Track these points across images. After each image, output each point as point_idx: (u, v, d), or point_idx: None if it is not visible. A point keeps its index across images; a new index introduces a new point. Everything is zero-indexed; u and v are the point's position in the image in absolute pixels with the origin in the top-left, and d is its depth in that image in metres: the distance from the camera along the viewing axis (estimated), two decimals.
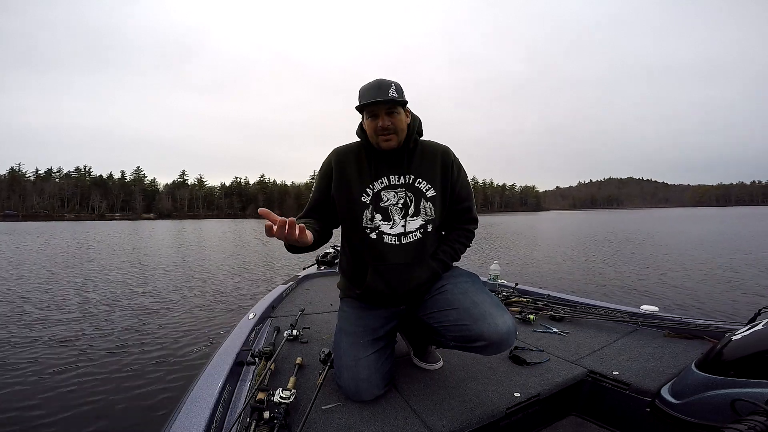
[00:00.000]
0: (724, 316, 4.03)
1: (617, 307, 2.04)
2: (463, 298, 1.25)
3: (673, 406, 1.15)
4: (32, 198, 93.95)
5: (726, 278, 6.16)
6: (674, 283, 5.95)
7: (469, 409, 1.17)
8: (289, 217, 1.01)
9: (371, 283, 1.34)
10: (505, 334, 1.15)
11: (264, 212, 0.97)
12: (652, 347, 1.60)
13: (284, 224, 0.98)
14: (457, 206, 1.42)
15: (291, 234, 1.00)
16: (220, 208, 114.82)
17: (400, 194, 1.34)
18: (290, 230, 0.99)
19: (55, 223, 51.94)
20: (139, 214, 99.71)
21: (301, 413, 1.12)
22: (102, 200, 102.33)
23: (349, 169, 1.36)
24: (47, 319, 4.35)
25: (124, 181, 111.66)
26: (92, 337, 3.72)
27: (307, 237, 1.09)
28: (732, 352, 1.11)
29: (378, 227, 1.33)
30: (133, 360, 3.11)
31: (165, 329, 3.95)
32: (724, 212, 59.12)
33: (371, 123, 1.29)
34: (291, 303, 2.52)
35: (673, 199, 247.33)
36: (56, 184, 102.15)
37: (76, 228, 33.62)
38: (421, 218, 1.34)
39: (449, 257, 1.41)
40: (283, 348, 1.61)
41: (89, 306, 5.02)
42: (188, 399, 1.08)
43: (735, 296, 5.00)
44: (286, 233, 0.99)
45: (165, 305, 5.03)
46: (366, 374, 1.24)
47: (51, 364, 3.03)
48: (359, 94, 1.30)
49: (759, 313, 1.40)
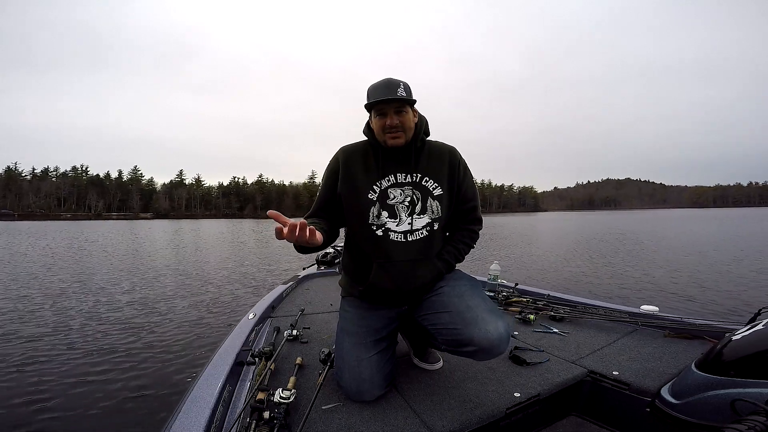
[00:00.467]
0: (724, 316, 4.04)
1: (617, 307, 2.04)
2: (458, 301, 1.24)
3: (673, 406, 1.15)
4: (28, 197, 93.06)
5: (726, 278, 6.17)
6: (674, 283, 5.96)
7: (469, 409, 1.17)
8: (295, 218, 1.01)
9: (376, 280, 1.33)
10: (495, 341, 1.14)
11: (273, 214, 0.97)
12: (652, 347, 1.60)
13: (295, 227, 0.98)
14: (463, 206, 1.42)
15: (302, 236, 1.00)
16: (218, 207, 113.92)
17: (407, 192, 1.34)
18: (301, 232, 1.00)
19: (50, 223, 51.78)
20: (136, 213, 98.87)
21: (301, 413, 1.11)
22: (99, 200, 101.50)
23: (356, 166, 1.36)
24: (45, 320, 4.34)
25: (121, 181, 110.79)
26: (92, 337, 3.72)
27: (317, 238, 1.09)
28: (732, 352, 1.11)
29: (384, 224, 1.33)
30: (132, 360, 3.10)
31: (165, 329, 3.94)
32: (722, 213, 59.44)
33: (379, 121, 1.29)
34: (291, 303, 2.52)
35: (670, 200, 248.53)
36: (53, 183, 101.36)
37: (71, 228, 33.50)
38: (427, 216, 1.34)
39: (453, 258, 1.41)
40: (283, 348, 1.60)
41: (88, 306, 5.01)
42: (188, 399, 1.08)
43: (735, 296, 5.01)
44: (297, 235, 0.99)
45: (165, 305, 5.02)
46: (368, 374, 1.24)
47: (50, 364, 3.03)
48: (368, 92, 1.31)
49: (759, 313, 1.40)
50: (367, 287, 1.37)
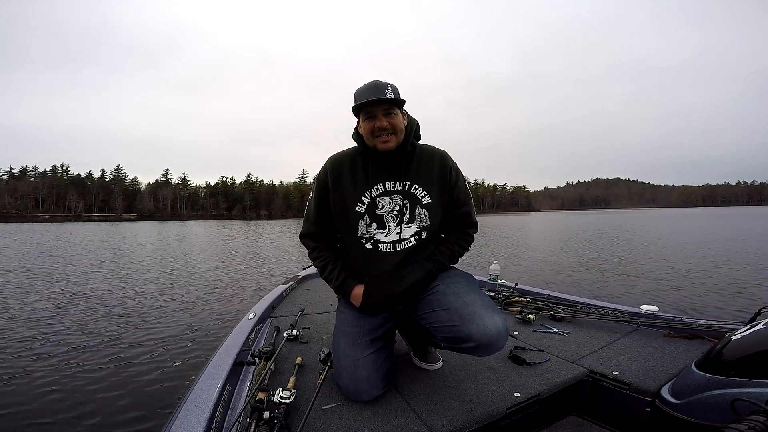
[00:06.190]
0: (724, 316, 4.03)
1: (617, 307, 2.04)
2: (454, 299, 1.24)
3: (673, 406, 1.14)
4: (4, 198, 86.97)
5: (726, 278, 6.17)
6: (674, 282, 5.95)
7: (469, 409, 1.17)
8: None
9: (366, 298, 1.35)
10: (494, 336, 1.14)
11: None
12: (652, 347, 1.60)
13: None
14: (456, 211, 1.42)
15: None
16: (205, 208, 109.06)
17: (396, 201, 1.34)
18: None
19: (23, 224, 49.72)
20: (119, 214, 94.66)
21: (301, 413, 1.11)
22: (79, 200, 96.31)
23: (345, 179, 1.36)
24: (44, 319, 4.34)
25: (103, 181, 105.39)
26: (92, 338, 3.72)
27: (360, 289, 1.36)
28: (732, 352, 1.11)
29: (373, 236, 1.34)
30: (133, 361, 3.11)
31: (165, 330, 3.94)
32: (711, 212, 59.40)
33: (368, 124, 1.28)
34: (291, 303, 2.51)
35: (659, 199, 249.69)
36: (31, 183, 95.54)
37: (50, 230, 32.90)
38: (416, 225, 1.34)
39: (447, 258, 1.40)
40: (283, 348, 1.60)
41: (87, 307, 5.01)
42: (188, 399, 1.08)
43: (735, 296, 5.01)
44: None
45: (164, 306, 5.03)
46: (365, 374, 1.24)
47: (50, 365, 3.03)
48: (355, 96, 1.29)
49: (759, 313, 1.40)
50: (360, 308, 1.38)
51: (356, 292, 1.37)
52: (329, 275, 1.41)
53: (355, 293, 1.37)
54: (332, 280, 1.40)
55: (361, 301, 1.36)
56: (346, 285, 1.38)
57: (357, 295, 1.36)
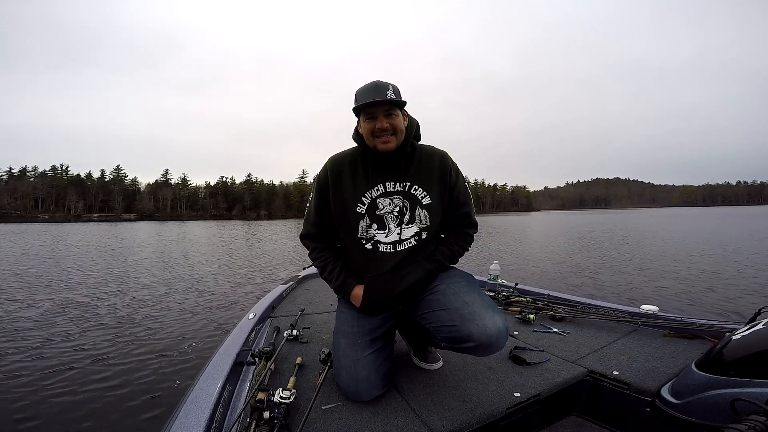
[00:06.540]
0: (724, 316, 4.03)
1: (617, 307, 2.04)
2: (454, 298, 1.24)
3: (673, 405, 1.14)
4: (3, 198, 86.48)
5: (726, 278, 6.17)
6: (674, 282, 5.95)
7: (469, 409, 1.17)
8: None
9: (366, 298, 1.35)
10: (494, 336, 1.14)
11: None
12: (652, 347, 1.60)
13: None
14: (456, 211, 1.42)
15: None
16: (205, 208, 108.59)
17: (396, 201, 1.34)
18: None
19: (21, 225, 49.55)
20: (119, 214, 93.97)
21: (301, 413, 1.11)
22: (79, 200, 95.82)
23: (345, 178, 1.36)
24: (44, 321, 4.34)
25: (103, 181, 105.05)
26: (91, 338, 3.72)
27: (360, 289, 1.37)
28: (732, 352, 1.11)
29: (373, 237, 1.34)
30: (133, 360, 3.11)
31: (165, 330, 3.94)
32: (711, 212, 59.38)
33: (368, 125, 1.28)
34: (291, 303, 2.51)
35: (659, 199, 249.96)
36: (30, 184, 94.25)
37: (50, 230, 33.01)
38: (416, 226, 1.34)
39: (447, 258, 1.41)
40: (283, 348, 1.60)
41: (86, 308, 5.02)
42: (188, 399, 1.08)
43: (735, 296, 5.00)
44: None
45: (164, 306, 5.03)
46: (365, 374, 1.24)
47: (50, 365, 3.03)
48: (356, 96, 1.29)
49: (759, 312, 1.40)
50: (360, 308, 1.38)
51: (356, 292, 1.37)
52: (329, 275, 1.41)
53: (355, 293, 1.37)
54: (332, 280, 1.40)
55: (361, 301, 1.35)
56: (346, 285, 1.38)
57: (357, 295, 1.36)
